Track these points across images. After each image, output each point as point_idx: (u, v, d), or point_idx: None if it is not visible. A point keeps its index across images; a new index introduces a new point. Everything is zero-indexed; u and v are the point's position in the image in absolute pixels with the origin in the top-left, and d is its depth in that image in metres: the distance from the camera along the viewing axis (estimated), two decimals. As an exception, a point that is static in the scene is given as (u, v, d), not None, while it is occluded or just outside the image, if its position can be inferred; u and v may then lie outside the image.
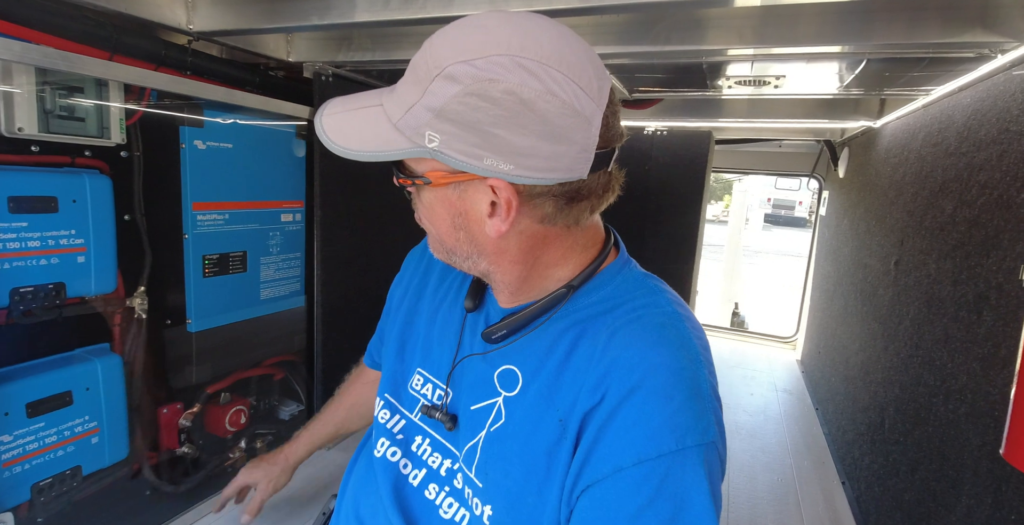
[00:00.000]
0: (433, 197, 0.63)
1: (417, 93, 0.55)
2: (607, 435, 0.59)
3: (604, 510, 0.57)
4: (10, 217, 1.05)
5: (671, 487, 0.55)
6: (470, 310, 0.77)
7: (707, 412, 0.59)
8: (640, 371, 0.59)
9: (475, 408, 0.71)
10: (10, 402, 1.09)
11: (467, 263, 0.67)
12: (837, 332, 2.37)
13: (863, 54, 1.15)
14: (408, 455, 0.79)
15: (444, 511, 0.71)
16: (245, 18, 1.30)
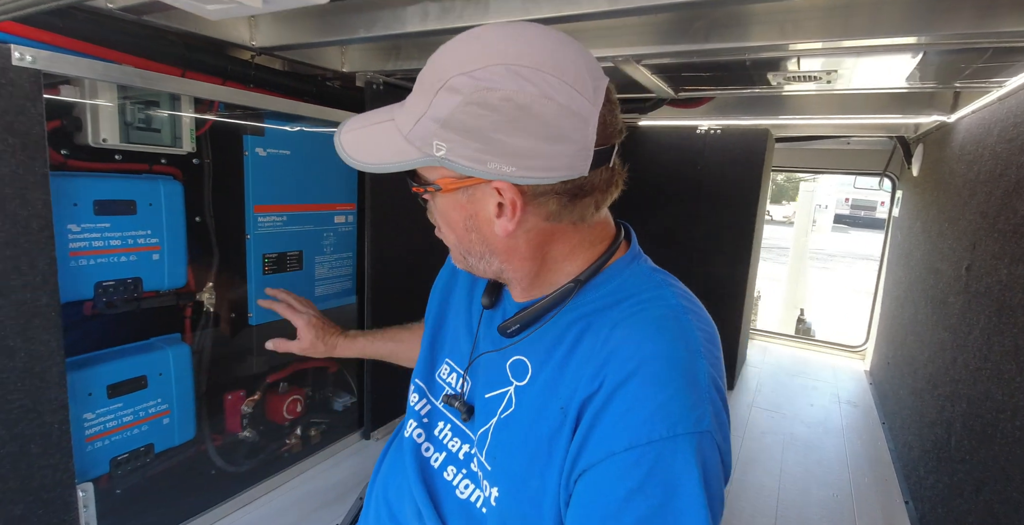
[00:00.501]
0: (445, 203, 0.67)
1: (424, 105, 0.59)
2: (602, 421, 0.60)
3: (596, 494, 0.58)
4: (95, 218, 1.18)
5: (661, 473, 0.56)
6: (487, 307, 0.81)
7: (702, 402, 0.59)
8: (636, 360, 0.61)
9: (489, 396, 0.75)
10: (93, 384, 1.22)
11: (482, 264, 0.71)
12: (907, 341, 2.22)
13: (918, 46, 1.09)
14: (430, 439, 0.84)
15: (460, 492, 0.76)
16: (301, 33, 1.39)
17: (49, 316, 1.05)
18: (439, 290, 0.97)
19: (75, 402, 1.16)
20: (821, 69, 1.30)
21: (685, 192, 2.68)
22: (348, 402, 2.03)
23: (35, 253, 1.02)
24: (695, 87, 1.66)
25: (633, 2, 0.94)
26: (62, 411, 1.09)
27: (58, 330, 1.07)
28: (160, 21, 1.25)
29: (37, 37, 1.04)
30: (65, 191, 1.12)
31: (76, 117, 1.19)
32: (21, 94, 0.98)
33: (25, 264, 1.01)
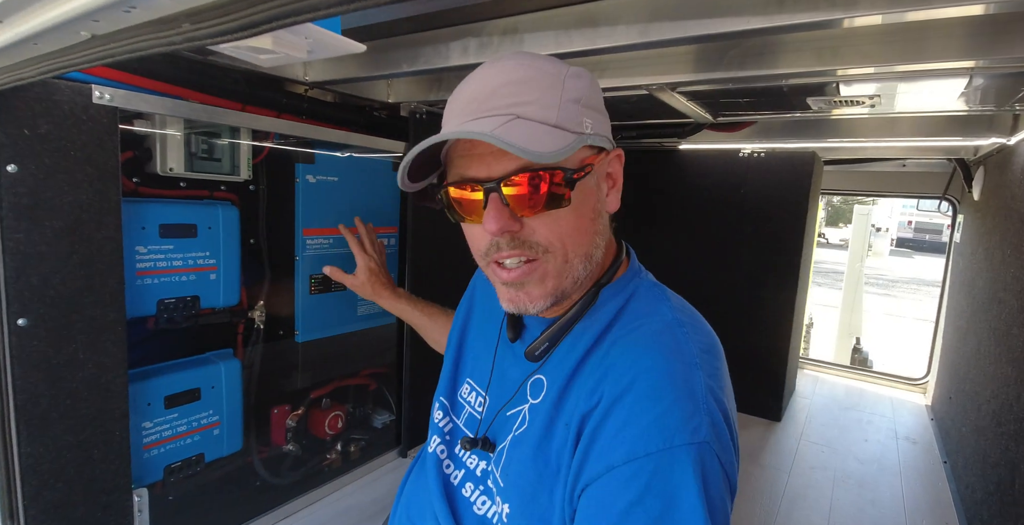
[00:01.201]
0: (582, 191, 0.68)
1: (556, 94, 0.65)
2: (600, 436, 0.62)
3: (597, 508, 0.60)
4: (160, 241, 1.28)
5: (659, 485, 0.57)
6: (512, 340, 0.84)
7: (699, 413, 0.60)
8: (631, 374, 0.62)
9: (508, 414, 0.78)
10: (152, 394, 1.30)
11: (581, 266, 0.71)
12: (969, 375, 2.10)
13: (968, 70, 1.06)
14: (451, 456, 0.88)
15: (478, 508, 0.78)
16: (349, 69, 1.48)
17: (116, 331, 1.14)
18: (460, 316, 1.03)
19: (135, 411, 1.25)
20: (862, 94, 1.28)
21: (729, 216, 2.64)
22: (387, 419, 2.07)
23: (106, 273, 1.12)
24: (734, 112, 1.65)
25: (663, 34, 0.96)
26: (123, 420, 1.17)
27: (123, 344, 1.15)
28: (224, 60, 1.36)
29: (114, 76, 1.15)
30: (134, 216, 1.22)
31: (147, 148, 1.30)
32: (100, 129, 1.08)
33: (97, 283, 1.10)
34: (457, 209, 0.70)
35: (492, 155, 0.65)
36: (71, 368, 1.08)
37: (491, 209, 0.65)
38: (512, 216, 0.66)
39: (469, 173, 0.67)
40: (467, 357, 0.97)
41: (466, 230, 0.74)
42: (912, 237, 25.39)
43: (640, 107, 1.62)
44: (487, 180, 0.65)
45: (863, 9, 0.78)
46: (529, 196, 0.65)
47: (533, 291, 0.69)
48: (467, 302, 1.06)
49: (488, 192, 0.65)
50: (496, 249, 0.68)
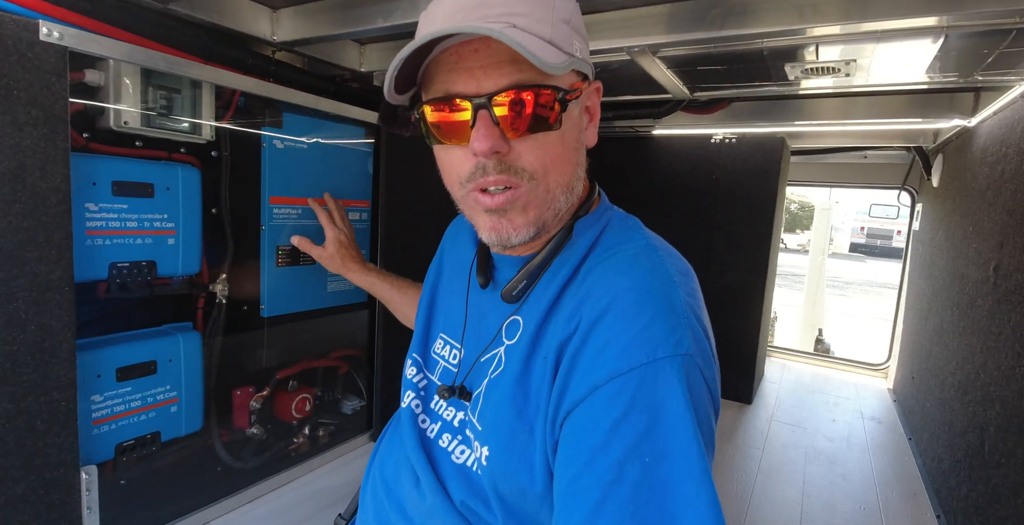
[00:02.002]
0: (569, 118, 0.65)
1: (547, 10, 0.61)
2: (581, 360, 0.60)
3: (582, 430, 0.57)
4: (113, 199, 1.19)
5: (645, 398, 0.55)
6: (483, 286, 0.81)
7: (680, 327, 0.59)
8: (609, 296, 0.61)
9: (483, 359, 0.76)
10: (102, 365, 1.20)
11: (563, 197, 0.68)
12: (932, 353, 2.15)
13: (940, 29, 1.08)
14: (427, 411, 0.85)
15: (456, 457, 0.75)
16: (320, 27, 1.42)
17: (62, 290, 1.05)
18: (431, 276, 1.00)
19: (83, 383, 1.15)
20: (840, 59, 1.29)
21: (701, 201, 2.66)
22: (357, 406, 2.00)
23: (52, 227, 1.03)
24: (711, 85, 1.65)
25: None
26: (70, 389, 1.08)
27: (71, 305, 1.06)
28: (184, 10, 1.28)
29: (65, 17, 1.06)
30: (84, 170, 1.13)
31: (99, 101, 1.21)
32: (47, 69, 1.00)
33: (42, 237, 1.01)
34: (435, 132, 0.66)
35: (482, 69, 0.61)
36: (11, 329, 0.99)
37: (480, 127, 0.61)
38: (502, 136, 0.62)
39: (456, 88, 0.62)
40: (439, 313, 0.94)
41: (443, 156, 0.70)
42: (864, 243, 26.52)
43: (620, 77, 1.60)
44: (476, 96, 0.61)
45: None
46: (520, 115, 0.61)
47: (516, 219, 0.66)
48: (437, 262, 1.03)
49: (477, 109, 0.61)
50: (482, 173, 0.64)
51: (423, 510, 0.75)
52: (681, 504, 0.53)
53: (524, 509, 0.67)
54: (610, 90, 1.88)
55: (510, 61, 0.60)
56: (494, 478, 0.68)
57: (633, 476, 0.54)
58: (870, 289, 15.39)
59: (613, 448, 0.55)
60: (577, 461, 0.57)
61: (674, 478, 0.53)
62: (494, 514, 0.69)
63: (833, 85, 1.56)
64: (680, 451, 0.54)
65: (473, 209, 0.69)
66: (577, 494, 0.56)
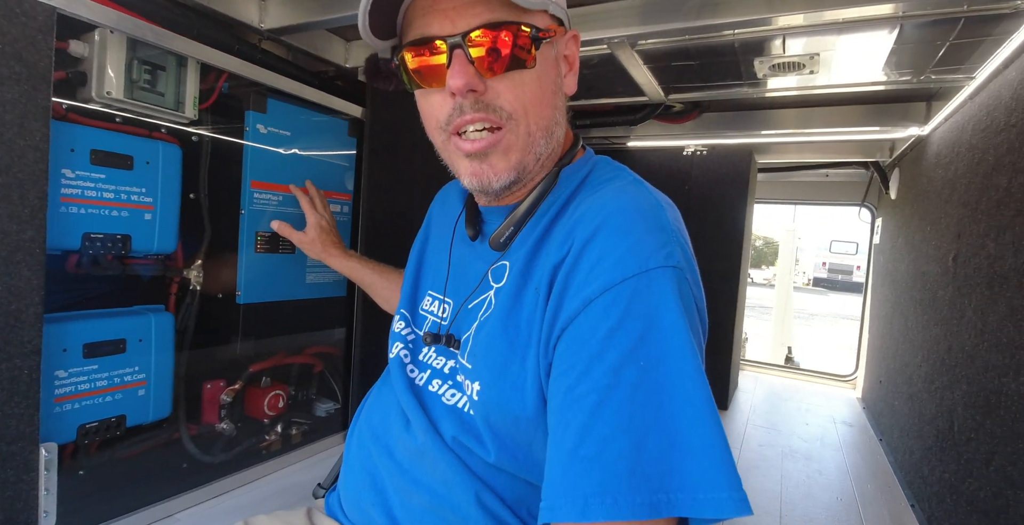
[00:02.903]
0: (544, 59, 0.68)
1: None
2: (575, 277, 0.61)
3: (578, 341, 0.58)
4: (90, 168, 1.17)
5: (638, 306, 0.56)
6: (473, 238, 0.83)
7: (670, 243, 0.61)
8: (600, 217, 0.63)
9: (471, 306, 0.76)
10: (69, 339, 1.15)
11: (544, 143, 0.71)
12: (898, 352, 2.22)
13: (896, 18, 1.16)
14: (415, 362, 0.84)
15: (447, 399, 0.75)
16: (307, 13, 1.45)
17: (33, 252, 1.01)
18: (418, 241, 1.02)
19: (48, 358, 1.10)
20: (804, 53, 1.38)
21: (674, 210, 2.74)
22: (331, 409, 1.94)
23: (27, 185, 1.00)
24: (685, 85, 1.73)
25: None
26: (34, 357, 1.03)
27: (40, 268, 1.02)
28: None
29: (55, -19, 1.06)
30: (63, 136, 1.11)
31: (82, 72, 1.20)
32: (34, 26, 0.99)
33: (16, 195, 0.98)
34: (415, 77, 0.68)
35: (455, 9, 0.63)
36: (-24, 288, 0.95)
37: (455, 65, 0.63)
38: (477, 74, 0.64)
39: (431, 30, 0.65)
40: (426, 272, 0.95)
41: (423, 102, 0.72)
42: (827, 277, 27.50)
43: (600, 73, 1.67)
44: (451, 36, 0.63)
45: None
46: (495, 51, 0.63)
47: (497, 163, 0.68)
48: (424, 230, 1.05)
49: (452, 48, 0.63)
50: (459, 113, 0.66)
51: (413, 449, 0.73)
52: (679, 402, 0.53)
53: (516, 439, 0.66)
54: (590, 91, 1.95)
55: (483, 1, 0.63)
56: (486, 410, 0.67)
57: (630, 379, 0.54)
58: (835, 320, 15.81)
59: (609, 355, 0.56)
60: (573, 372, 0.58)
61: (670, 379, 0.54)
62: (486, 448, 0.67)
63: (797, 85, 1.66)
64: (675, 354, 0.55)
65: (454, 154, 0.71)
66: (574, 402, 0.56)
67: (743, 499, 0.51)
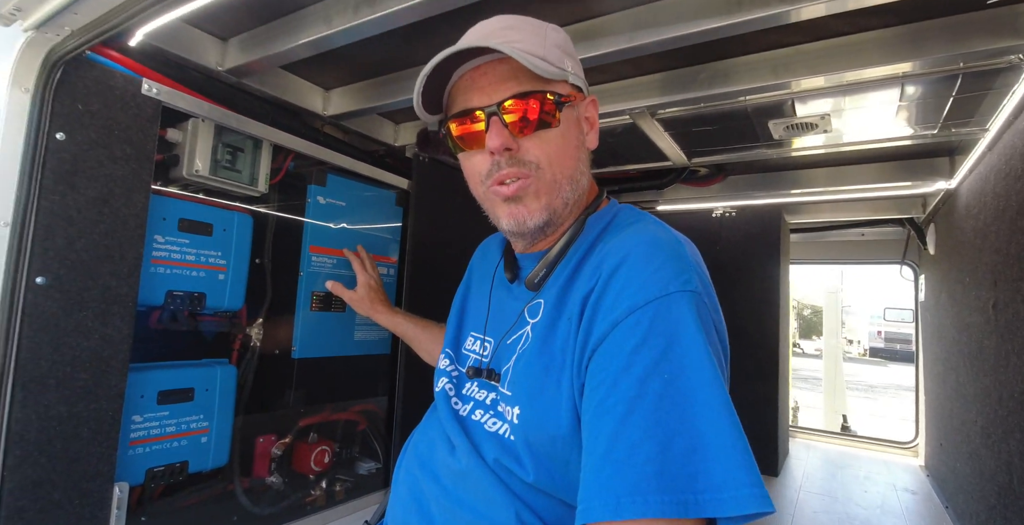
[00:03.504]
0: (567, 119, 0.80)
1: (540, 38, 0.78)
2: (603, 304, 0.69)
3: (606, 359, 0.65)
4: (177, 233, 1.34)
5: (662, 324, 0.63)
6: (511, 280, 0.93)
7: (687, 270, 0.68)
8: (624, 250, 0.71)
9: (510, 341, 0.83)
10: (147, 386, 1.27)
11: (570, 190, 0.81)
12: (954, 410, 2.13)
13: (896, 78, 1.27)
14: (459, 396, 0.91)
15: (488, 426, 0.81)
16: (362, 102, 1.66)
17: (126, 305, 1.16)
18: (460, 291, 1.12)
19: (128, 401, 1.21)
20: (815, 113, 1.48)
21: (707, 271, 2.78)
22: (373, 468, 1.98)
23: (127, 247, 1.16)
24: (706, 148, 1.85)
25: (644, 39, 1.15)
26: (118, 400, 1.14)
27: (131, 319, 1.16)
28: (255, 85, 1.52)
29: (161, 81, 1.28)
30: (158, 206, 1.29)
31: (175, 154, 1.41)
32: (143, 116, 1.19)
33: (117, 255, 1.14)
34: (459, 143, 0.82)
35: (491, 86, 0.77)
36: (77, 335, 1.08)
37: (492, 129, 0.76)
38: (510, 136, 0.77)
39: (471, 103, 0.79)
40: (468, 315, 1.04)
41: (466, 162, 0.85)
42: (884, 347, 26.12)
43: (624, 141, 1.81)
44: (488, 106, 0.77)
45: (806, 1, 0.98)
46: (524, 117, 0.77)
47: (530, 204, 0.79)
48: (465, 281, 1.15)
49: (489, 116, 0.77)
50: (497, 168, 0.78)
51: (457, 472, 0.78)
52: (700, 409, 0.59)
53: (553, 458, 0.71)
54: (616, 158, 2.09)
55: (512, 77, 0.77)
56: (526, 431, 0.73)
57: (655, 390, 0.61)
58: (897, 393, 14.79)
59: (635, 368, 0.63)
60: (603, 386, 0.64)
61: (692, 389, 0.60)
62: (525, 468, 0.73)
63: (816, 145, 1.75)
64: (695, 366, 0.61)
65: (493, 202, 0.83)
66: (605, 412, 0.63)
67: (764, 495, 0.55)
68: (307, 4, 1.25)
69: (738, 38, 1.16)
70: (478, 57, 0.77)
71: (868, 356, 26.64)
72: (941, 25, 1.16)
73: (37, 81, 1.03)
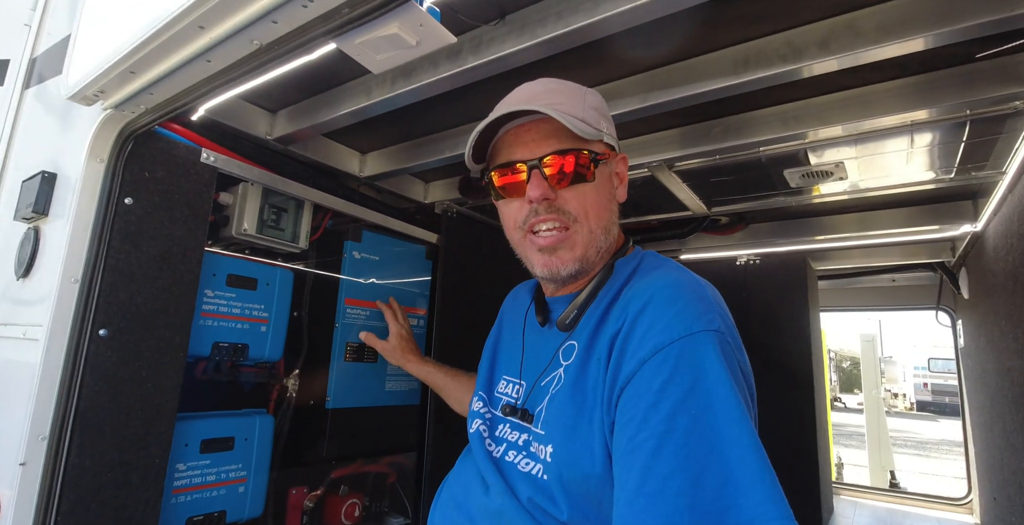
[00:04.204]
0: (601, 175, 0.88)
1: (579, 101, 0.87)
2: (631, 344, 0.73)
3: (635, 396, 0.69)
4: (225, 288, 1.43)
5: (687, 362, 0.67)
6: (542, 324, 0.98)
7: (709, 311, 0.72)
8: (649, 293, 0.76)
9: (544, 383, 0.87)
10: (191, 435, 1.32)
11: (602, 237, 0.88)
12: (1005, 461, 2.03)
13: (905, 127, 1.32)
14: (492, 437, 0.94)
15: (522, 467, 0.83)
16: (395, 163, 1.78)
17: (177, 356, 1.23)
18: (491, 338, 1.17)
19: (173, 450, 1.26)
20: (830, 161, 1.54)
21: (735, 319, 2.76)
22: (402, 523, 1.96)
23: (181, 300, 1.25)
24: (725, 198, 1.91)
25: (658, 99, 1.24)
26: (166, 447, 1.19)
27: (182, 369, 1.23)
28: (299, 151, 1.66)
29: (217, 150, 1.41)
30: (208, 263, 1.39)
31: (226, 215, 1.52)
32: (201, 182, 1.31)
33: (172, 308, 1.23)
34: (500, 191, 0.90)
35: (534, 141, 0.86)
36: (132, 384, 1.15)
37: (533, 180, 0.84)
38: (550, 187, 0.84)
39: (515, 156, 0.87)
40: (501, 359, 1.08)
41: (504, 209, 0.92)
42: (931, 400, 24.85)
43: (644, 193, 1.88)
44: (531, 159, 0.85)
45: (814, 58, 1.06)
46: (563, 171, 0.84)
47: (565, 255, 0.86)
48: (497, 325, 1.20)
49: (531, 169, 0.85)
50: (534, 214, 0.86)
51: (492, 511, 0.80)
52: (728, 444, 0.62)
53: (587, 496, 0.73)
54: (637, 209, 2.16)
55: (554, 135, 0.85)
56: (559, 469, 0.76)
57: (683, 426, 0.64)
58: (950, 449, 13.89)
59: (663, 405, 0.66)
60: (633, 423, 0.67)
61: (719, 424, 0.63)
62: (559, 507, 0.75)
63: (837, 191, 1.79)
64: (721, 402, 0.64)
65: (528, 249, 0.89)
66: (636, 448, 0.65)
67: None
68: (350, 78, 1.38)
69: (748, 94, 1.24)
70: (524, 116, 0.86)
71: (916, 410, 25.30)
72: (946, 76, 1.23)
73: (111, 152, 1.16)
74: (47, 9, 1.56)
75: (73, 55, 1.11)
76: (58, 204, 1.21)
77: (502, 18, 1.08)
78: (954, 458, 12.40)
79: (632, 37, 1.13)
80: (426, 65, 1.21)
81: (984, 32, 0.95)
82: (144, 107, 1.12)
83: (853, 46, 1.03)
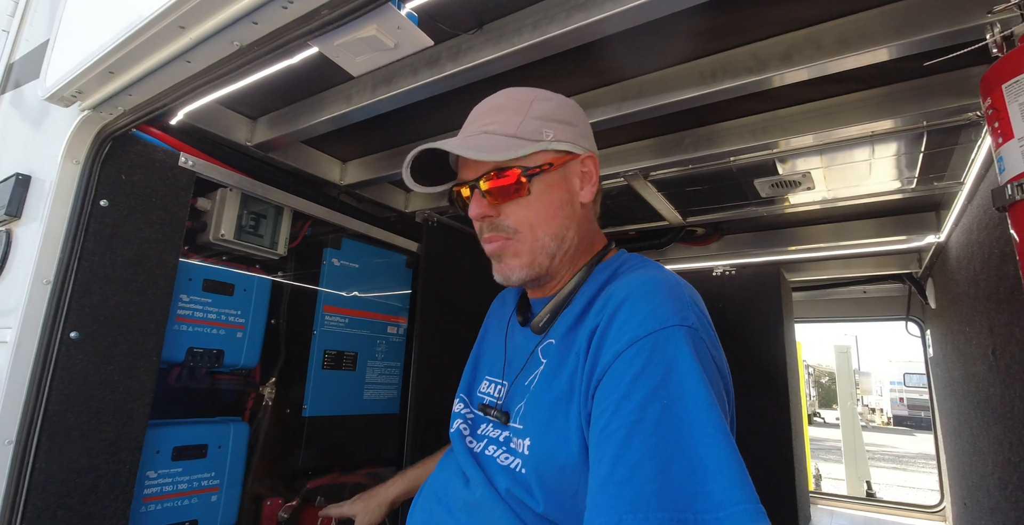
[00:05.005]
0: (546, 185, 0.87)
1: (521, 114, 0.87)
2: (607, 338, 0.74)
3: (609, 387, 0.70)
4: (201, 293, 1.42)
5: (659, 355, 0.68)
6: (522, 323, 0.98)
7: (684, 309, 0.73)
8: (627, 290, 0.77)
9: (526, 382, 0.88)
10: (163, 442, 1.30)
11: (556, 244, 0.88)
12: (972, 465, 2.08)
13: (866, 138, 1.38)
14: (474, 435, 0.95)
15: (500, 461, 0.84)
16: (376, 172, 1.80)
17: (150, 360, 1.21)
18: (478, 340, 1.17)
19: (143, 456, 1.24)
20: (797, 171, 1.59)
21: (712, 329, 2.80)
22: (381, 536, 1.93)
23: (155, 304, 1.24)
24: (700, 207, 1.96)
25: (631, 108, 1.28)
26: (136, 453, 1.17)
27: (154, 375, 1.22)
28: (279, 158, 1.67)
29: (196, 154, 1.41)
30: (184, 268, 1.38)
31: (203, 222, 1.52)
32: (178, 186, 1.31)
33: (146, 311, 1.22)
34: (460, 207, 0.92)
35: (474, 163, 0.88)
36: (104, 388, 1.13)
37: (473, 200, 0.87)
38: (490, 205, 0.86)
39: (462, 176, 0.91)
40: (484, 360, 1.09)
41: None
42: (908, 415, 25.24)
43: (621, 203, 1.92)
44: (471, 179, 0.87)
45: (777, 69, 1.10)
46: (496, 189, 0.86)
47: (511, 262, 0.88)
48: (483, 329, 1.20)
49: (472, 188, 0.87)
50: (481, 233, 0.89)
51: (471, 503, 0.81)
52: (697, 433, 0.63)
53: (562, 488, 0.74)
54: (614, 219, 2.20)
55: None
56: (537, 462, 0.77)
57: (653, 415, 0.65)
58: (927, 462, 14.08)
59: (635, 396, 0.67)
60: (606, 413, 0.69)
61: (689, 414, 0.65)
62: (535, 499, 0.76)
63: (806, 201, 1.85)
64: (691, 393, 0.66)
65: None
66: (608, 437, 0.67)
67: (760, 511, 0.58)
68: (331, 86, 1.40)
69: (718, 105, 1.28)
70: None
71: (893, 425, 25.68)
72: (904, 88, 1.29)
73: (88, 154, 1.16)
74: (26, 15, 1.56)
75: (52, 56, 1.11)
76: (32, 206, 1.20)
77: (480, 27, 1.12)
78: (930, 470, 12.55)
79: (607, 48, 1.18)
80: (406, 72, 1.23)
81: (936, 45, 1.01)
82: (122, 108, 1.12)
83: (814, 58, 1.08)
